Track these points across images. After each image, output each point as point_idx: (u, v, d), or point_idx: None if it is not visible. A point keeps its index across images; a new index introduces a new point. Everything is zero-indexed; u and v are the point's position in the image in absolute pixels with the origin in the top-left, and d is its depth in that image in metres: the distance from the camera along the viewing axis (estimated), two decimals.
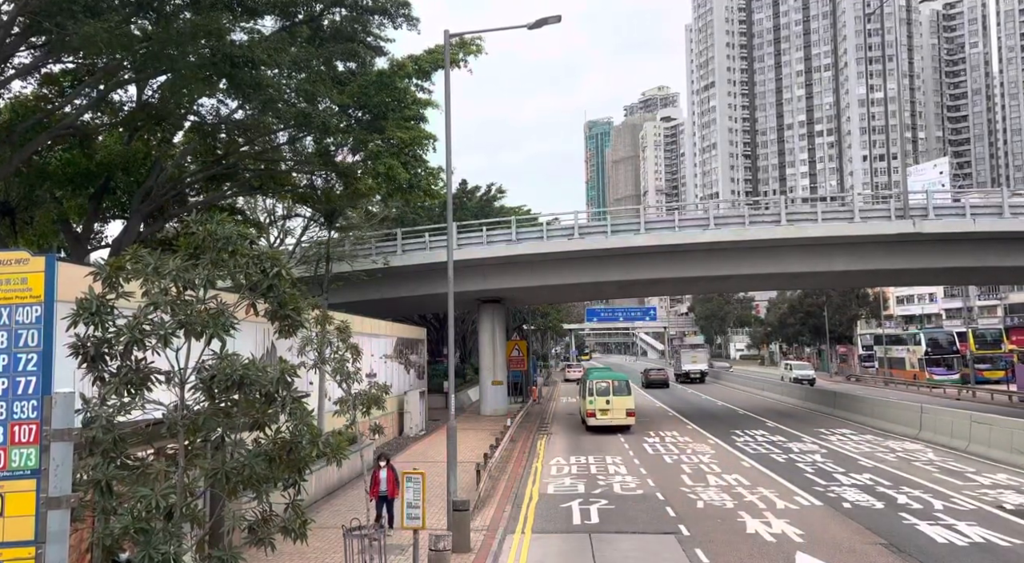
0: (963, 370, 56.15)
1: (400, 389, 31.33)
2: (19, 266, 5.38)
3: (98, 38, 16.27)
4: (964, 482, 19.49)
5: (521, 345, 50.06)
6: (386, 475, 14.59)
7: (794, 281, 48.64)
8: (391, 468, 14.83)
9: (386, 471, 14.59)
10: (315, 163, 25.75)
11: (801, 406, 42.37)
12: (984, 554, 13.05)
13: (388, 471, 14.69)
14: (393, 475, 14.56)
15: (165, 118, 23.64)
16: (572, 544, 14.18)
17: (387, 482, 14.60)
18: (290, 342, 10.69)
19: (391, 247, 35.27)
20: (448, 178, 17.64)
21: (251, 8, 20.34)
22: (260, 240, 30.37)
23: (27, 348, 5.28)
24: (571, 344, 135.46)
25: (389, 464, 14.94)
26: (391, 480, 14.58)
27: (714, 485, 19.55)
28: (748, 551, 13.48)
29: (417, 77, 25.27)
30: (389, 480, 14.63)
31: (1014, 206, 31.34)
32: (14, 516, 5.09)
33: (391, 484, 14.56)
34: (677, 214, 39.72)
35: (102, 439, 6.18)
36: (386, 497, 14.64)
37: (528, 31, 17.40)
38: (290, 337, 7.71)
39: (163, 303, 6.43)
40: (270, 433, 6.86)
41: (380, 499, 14.60)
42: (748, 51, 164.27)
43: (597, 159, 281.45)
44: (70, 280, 7.16)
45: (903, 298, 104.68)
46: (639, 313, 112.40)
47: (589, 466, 23.02)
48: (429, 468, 19.22)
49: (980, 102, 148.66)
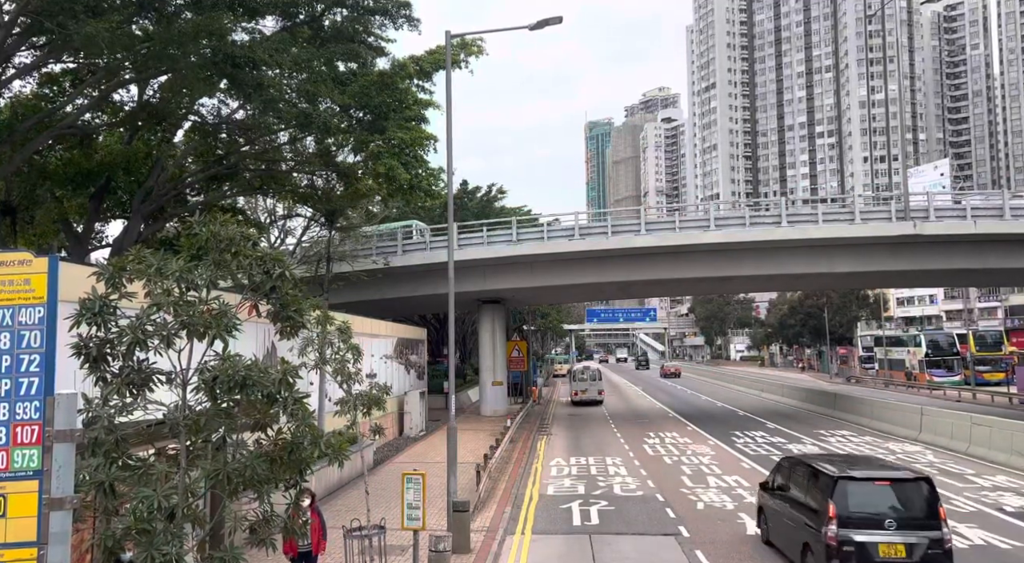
0: (964, 372, 56.12)
1: (400, 390, 31.33)
2: (22, 267, 5.37)
3: (99, 38, 16.28)
4: (964, 484, 19.49)
5: (521, 346, 50.07)
6: (310, 522, 9.96)
7: (794, 282, 48.63)
8: (316, 511, 10.51)
9: (309, 514, 9.80)
10: (316, 163, 25.78)
11: (801, 407, 42.36)
12: (984, 556, 13.05)
13: (313, 515, 10.21)
14: (320, 522, 10.57)
15: (166, 118, 23.67)
16: (572, 545, 14.19)
17: (311, 531, 10.18)
18: (291, 342, 10.69)
19: (391, 247, 35.27)
20: (449, 178, 17.64)
21: (252, 8, 20.37)
22: (261, 241, 30.37)
23: (30, 349, 5.27)
24: (571, 344, 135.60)
25: (313, 505, 10.43)
26: (317, 529, 10.42)
27: (714, 486, 19.55)
28: (749, 553, 13.48)
29: (418, 78, 25.31)
30: (314, 529, 10.32)
31: (1015, 208, 31.32)
32: (16, 517, 5.09)
33: (317, 534, 10.43)
34: (678, 215, 39.75)
35: (104, 440, 6.19)
36: (308, 555, 10.42)
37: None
38: (292, 338, 7.71)
39: (166, 304, 6.43)
40: (271, 434, 6.87)
41: (300, 557, 10.36)
42: (749, 52, 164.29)
43: (597, 160, 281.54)
44: (72, 280, 7.16)
45: (903, 300, 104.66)
46: (639, 314, 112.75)
47: (589, 467, 23.02)
48: (429, 469, 19.24)
49: (981, 104, 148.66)
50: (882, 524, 10.76)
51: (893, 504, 11.02)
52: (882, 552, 10.53)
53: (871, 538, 10.61)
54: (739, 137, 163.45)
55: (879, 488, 11.23)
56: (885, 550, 10.53)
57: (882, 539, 10.60)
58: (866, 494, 11.14)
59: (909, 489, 11.15)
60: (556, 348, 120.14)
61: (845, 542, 10.65)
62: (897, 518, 10.78)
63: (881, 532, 10.68)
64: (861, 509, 10.93)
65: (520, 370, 49.12)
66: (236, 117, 24.50)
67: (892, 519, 10.78)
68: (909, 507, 10.97)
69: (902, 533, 10.62)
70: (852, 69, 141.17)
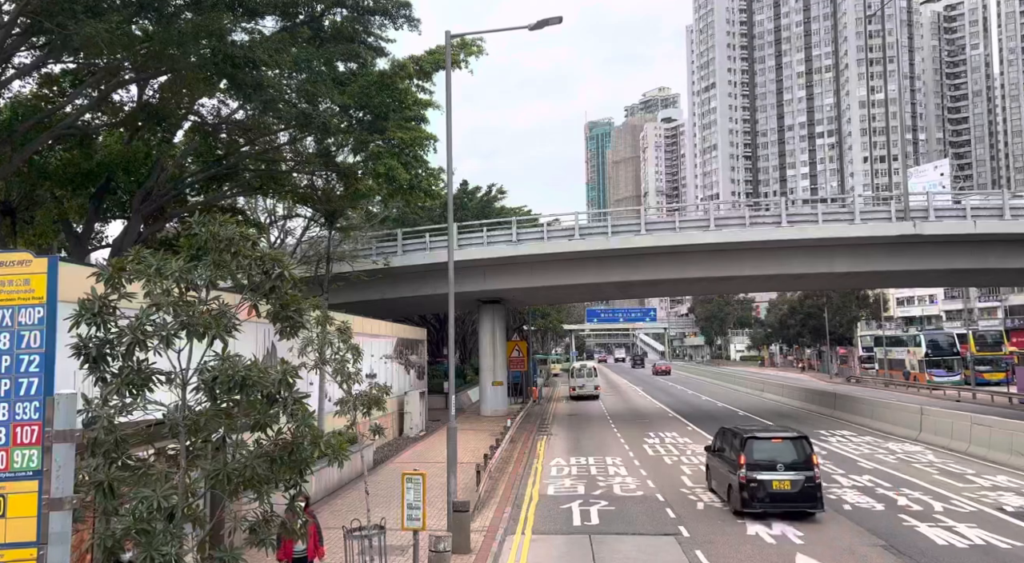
0: (964, 372, 56.10)
1: (400, 390, 31.34)
2: (22, 268, 5.38)
3: (99, 38, 16.28)
4: (964, 484, 19.49)
5: (521, 346, 50.09)
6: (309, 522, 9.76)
7: (795, 282, 48.64)
8: (312, 517, 10.25)
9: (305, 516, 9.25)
10: (316, 163, 25.76)
11: (801, 407, 42.36)
12: (984, 556, 13.05)
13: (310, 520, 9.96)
14: (315, 528, 10.37)
15: (166, 118, 23.64)
16: (572, 545, 14.19)
17: (307, 536, 9.88)
18: (291, 342, 10.69)
19: (391, 247, 35.28)
20: (449, 178, 17.64)
21: (252, 8, 20.35)
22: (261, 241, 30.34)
23: (30, 349, 5.28)
24: (571, 345, 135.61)
25: (308, 509, 9.98)
26: (312, 535, 10.21)
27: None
28: (748, 553, 13.49)
29: (418, 78, 25.29)
30: (311, 534, 10.17)
31: (1015, 208, 31.33)
32: (16, 517, 5.10)
33: (313, 539, 10.20)
34: (678, 215, 39.78)
35: (104, 440, 6.18)
36: (303, 560, 10.26)
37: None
38: (291, 338, 7.71)
39: (165, 304, 6.43)
40: (271, 434, 6.86)
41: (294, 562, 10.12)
42: (749, 52, 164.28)
43: (598, 160, 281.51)
44: (72, 280, 7.16)
45: (903, 300, 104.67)
46: (639, 314, 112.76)
47: (589, 467, 23.03)
48: (429, 469, 19.23)
49: (981, 104, 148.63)
50: (775, 467, 15.75)
51: (782, 455, 16.02)
52: (774, 485, 15.64)
53: (767, 477, 15.65)
54: (739, 137, 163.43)
55: (774, 444, 16.27)
56: (776, 484, 15.67)
57: (774, 477, 15.70)
58: (765, 449, 16.12)
59: (793, 444, 16.21)
60: (556, 348, 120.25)
61: (751, 480, 15.65)
62: (784, 463, 15.84)
63: (774, 473, 15.72)
64: (762, 458, 15.88)
65: (520, 370, 49.13)
66: (236, 117, 24.49)
67: (781, 464, 15.82)
68: (792, 456, 15.97)
69: (787, 473, 15.71)
70: (852, 69, 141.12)
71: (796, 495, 15.65)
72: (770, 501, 15.59)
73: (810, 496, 15.65)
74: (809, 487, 15.62)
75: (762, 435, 16.58)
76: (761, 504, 15.57)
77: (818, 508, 15.72)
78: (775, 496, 15.62)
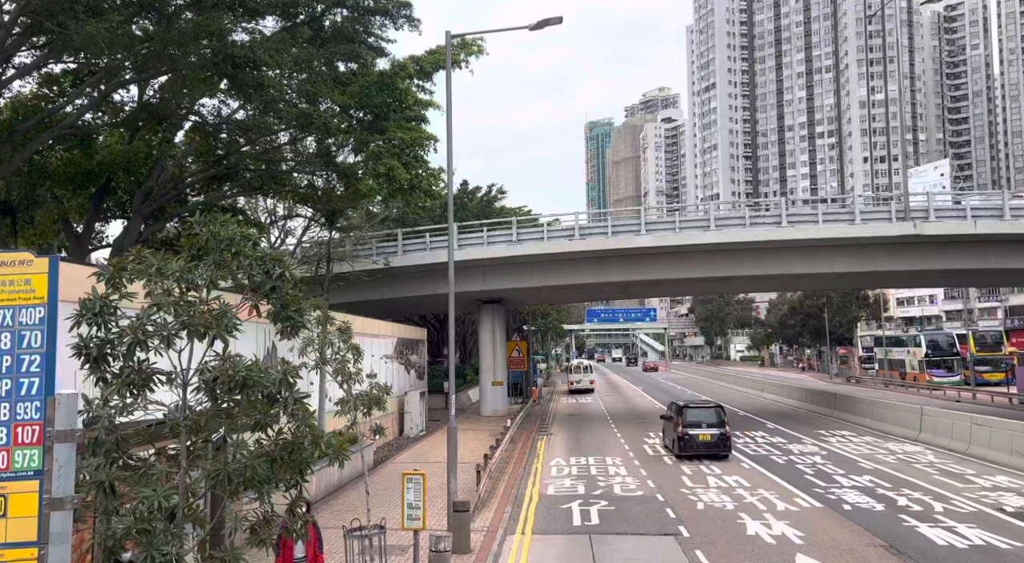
0: (963, 372, 56.11)
1: (400, 390, 31.34)
2: (22, 267, 5.38)
3: (100, 38, 16.28)
4: (964, 484, 19.49)
5: (521, 346, 50.09)
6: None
7: (795, 282, 48.62)
8: (313, 523, 9.72)
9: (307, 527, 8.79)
10: (316, 163, 25.77)
11: (801, 408, 42.37)
12: (984, 556, 13.05)
13: (310, 527, 9.57)
14: (315, 534, 10.06)
15: (166, 118, 23.67)
16: (572, 545, 14.19)
17: (306, 545, 9.69)
18: (291, 342, 10.69)
19: (392, 247, 35.27)
20: (449, 178, 17.64)
21: (252, 9, 20.37)
22: (261, 241, 30.33)
23: (30, 349, 5.28)
24: (571, 345, 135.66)
25: (309, 513, 8.50)
26: (314, 540, 9.99)
27: (714, 487, 19.55)
28: (748, 553, 13.49)
29: (418, 78, 25.31)
30: (311, 540, 9.87)
31: (1015, 208, 31.32)
32: (17, 517, 5.10)
33: (312, 546, 9.95)
34: (678, 215, 39.73)
35: (104, 440, 6.19)
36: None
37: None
38: (292, 338, 7.71)
39: (166, 304, 6.43)
40: (272, 434, 6.86)
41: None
42: (749, 52, 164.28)
43: (598, 160, 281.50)
44: (73, 280, 7.16)
45: (903, 300, 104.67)
46: (639, 314, 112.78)
47: (589, 467, 23.03)
48: (429, 469, 19.25)
49: (981, 104, 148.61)
50: (701, 426, 23.93)
51: (707, 418, 24.23)
52: (700, 438, 23.72)
53: (696, 431, 23.81)
54: (739, 137, 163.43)
55: (700, 410, 24.83)
56: (702, 437, 23.75)
57: (700, 432, 23.83)
58: (695, 414, 24.49)
59: (713, 410, 24.59)
60: (556, 348, 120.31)
61: (684, 434, 23.86)
62: (706, 422, 24.03)
63: (700, 429, 23.87)
64: (692, 420, 24.16)
65: (520, 370, 49.13)
66: (236, 117, 24.50)
67: (704, 423, 24.02)
68: (713, 419, 24.13)
69: (708, 429, 23.84)
70: (852, 69, 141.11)
71: (714, 444, 23.64)
72: (697, 448, 23.66)
73: (724, 445, 23.81)
74: (723, 439, 23.75)
75: (693, 405, 25.42)
76: (693, 450, 23.72)
77: (728, 453, 24.09)
78: (700, 444, 23.67)
